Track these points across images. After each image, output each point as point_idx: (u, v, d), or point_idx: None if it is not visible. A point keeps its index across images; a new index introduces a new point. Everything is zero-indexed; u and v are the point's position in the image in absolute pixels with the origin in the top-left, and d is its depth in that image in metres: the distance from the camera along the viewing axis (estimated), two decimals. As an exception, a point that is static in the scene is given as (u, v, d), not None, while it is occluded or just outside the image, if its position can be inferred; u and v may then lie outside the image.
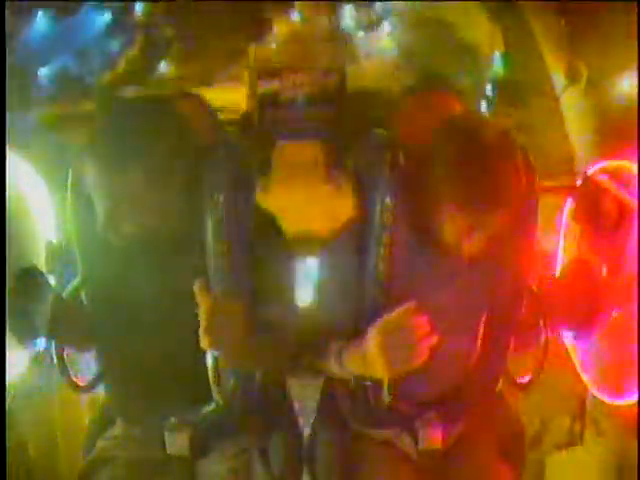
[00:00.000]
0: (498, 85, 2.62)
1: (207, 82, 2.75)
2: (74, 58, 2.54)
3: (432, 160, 1.43)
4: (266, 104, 2.67)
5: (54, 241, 1.77)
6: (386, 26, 2.81)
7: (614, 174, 1.82)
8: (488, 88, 2.62)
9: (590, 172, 1.89)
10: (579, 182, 1.91)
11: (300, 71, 2.63)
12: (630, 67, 2.09)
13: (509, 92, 2.57)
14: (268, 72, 2.65)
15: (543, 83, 2.37)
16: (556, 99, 2.29)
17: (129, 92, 2.61)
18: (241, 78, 2.74)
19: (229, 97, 2.71)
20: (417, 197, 1.48)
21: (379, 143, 1.54)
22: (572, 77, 2.23)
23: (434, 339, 1.38)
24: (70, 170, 1.57)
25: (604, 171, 1.86)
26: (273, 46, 2.80)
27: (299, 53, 2.77)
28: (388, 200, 1.50)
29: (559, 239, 1.95)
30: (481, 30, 2.62)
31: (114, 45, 2.65)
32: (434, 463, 1.67)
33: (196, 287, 1.40)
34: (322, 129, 2.63)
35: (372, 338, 1.41)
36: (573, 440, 2.36)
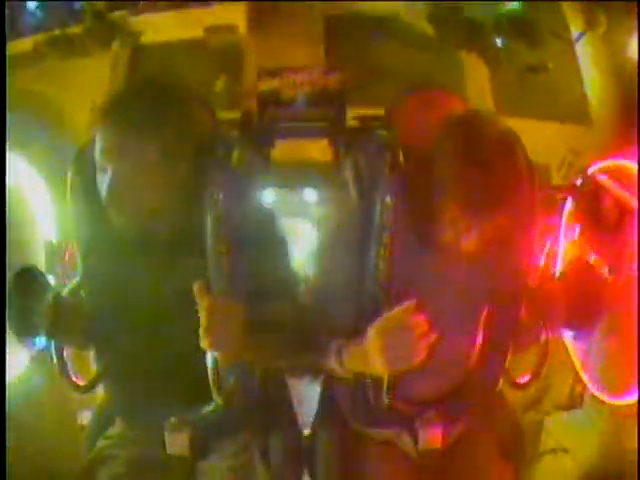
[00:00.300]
0: (513, 21, 2.60)
1: (203, 2, 2.71)
2: None
3: (433, 159, 1.43)
4: (266, 103, 2.67)
5: (54, 241, 1.77)
6: None
7: (614, 174, 1.82)
8: (501, 24, 2.60)
9: (590, 172, 1.89)
10: (579, 182, 1.91)
11: (300, 71, 2.62)
12: None
13: (524, 29, 2.55)
14: (268, 72, 2.65)
15: (559, 26, 2.36)
16: (571, 43, 2.27)
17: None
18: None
19: (225, 16, 2.69)
20: (417, 197, 1.48)
21: (379, 143, 1.54)
22: (591, 23, 2.21)
23: (432, 338, 1.38)
24: (70, 170, 1.57)
25: (604, 171, 1.85)
26: None
27: None
28: (388, 200, 1.50)
29: (559, 239, 1.95)
30: None
31: None
32: (434, 463, 1.67)
33: (195, 288, 1.40)
34: (322, 129, 2.63)
35: (372, 336, 1.42)
36: (573, 402, 2.33)
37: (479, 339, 1.62)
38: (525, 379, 1.70)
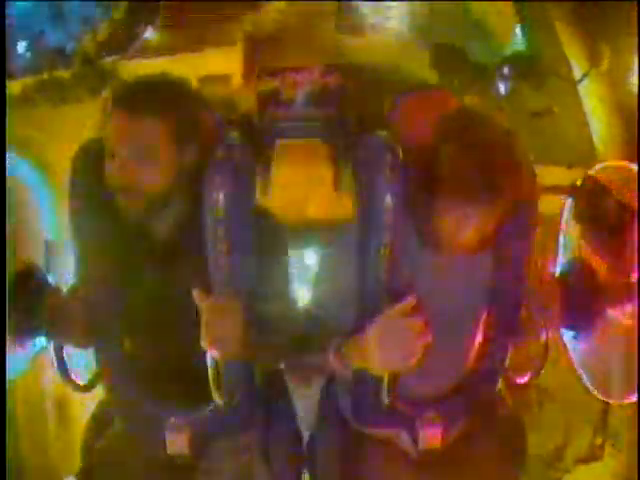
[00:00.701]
0: (517, 66, 2.59)
1: (195, 49, 2.69)
2: (52, 23, 2.51)
3: (432, 156, 1.43)
4: (266, 103, 2.67)
5: (54, 241, 1.77)
6: (395, 2, 2.75)
7: (614, 174, 1.82)
8: (505, 68, 2.59)
9: (590, 172, 1.89)
10: (579, 182, 1.91)
11: (300, 71, 2.62)
12: None
13: (528, 74, 2.54)
14: (268, 72, 2.64)
15: (563, 68, 2.35)
16: (575, 83, 2.27)
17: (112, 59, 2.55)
18: (232, 44, 2.69)
19: (218, 65, 2.68)
20: (417, 196, 1.48)
21: (379, 143, 1.54)
22: (594, 62, 2.21)
23: (429, 339, 1.38)
24: (71, 168, 1.57)
25: (604, 171, 1.85)
26: (271, 15, 2.74)
27: (297, 24, 2.71)
28: (388, 200, 1.50)
29: (559, 239, 1.95)
30: (495, 9, 2.59)
31: (95, 11, 2.61)
32: (434, 463, 1.67)
33: (195, 295, 1.40)
34: (322, 129, 2.63)
35: (370, 334, 1.42)
36: (594, 454, 2.32)
37: (479, 339, 1.62)
38: (525, 379, 1.71)
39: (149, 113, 1.45)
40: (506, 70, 2.56)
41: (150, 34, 2.74)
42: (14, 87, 2.45)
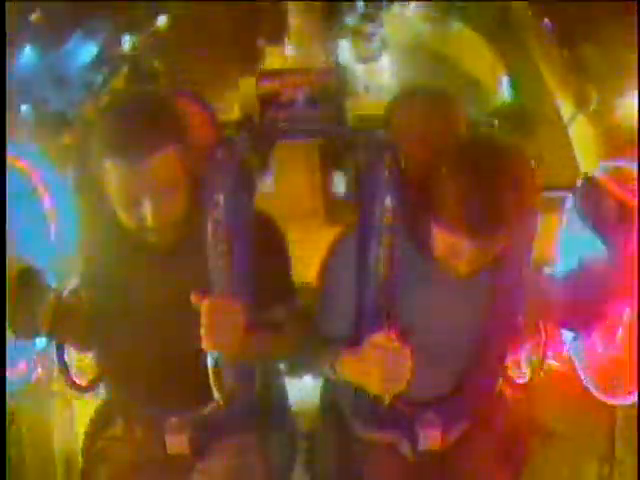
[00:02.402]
0: (506, 116, 2.60)
1: None
2: (55, 89, 2.52)
3: (433, 178, 1.42)
4: (266, 104, 2.67)
5: (54, 241, 1.77)
6: (385, 59, 2.81)
7: (614, 174, 1.82)
8: (495, 120, 2.60)
9: (590, 172, 1.89)
10: (579, 182, 1.91)
11: (300, 72, 2.62)
12: (631, 90, 2.08)
13: (518, 123, 2.56)
14: (268, 73, 2.65)
15: (549, 112, 2.37)
16: (564, 127, 2.28)
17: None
18: (232, 111, 2.73)
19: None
20: (416, 199, 1.47)
21: (379, 144, 1.54)
22: (581, 102, 2.22)
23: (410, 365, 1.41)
24: (71, 169, 1.57)
25: (604, 171, 1.85)
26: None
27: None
28: (388, 201, 1.50)
29: (559, 239, 1.95)
30: (483, 62, 2.62)
31: (97, 77, 2.62)
32: (434, 463, 1.67)
33: (192, 299, 1.40)
34: (322, 129, 2.63)
35: (358, 359, 1.46)
36: None
37: (479, 340, 1.62)
38: (524, 380, 1.71)
39: (160, 147, 1.38)
40: (495, 122, 2.58)
41: None
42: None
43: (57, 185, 1.76)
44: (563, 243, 1.94)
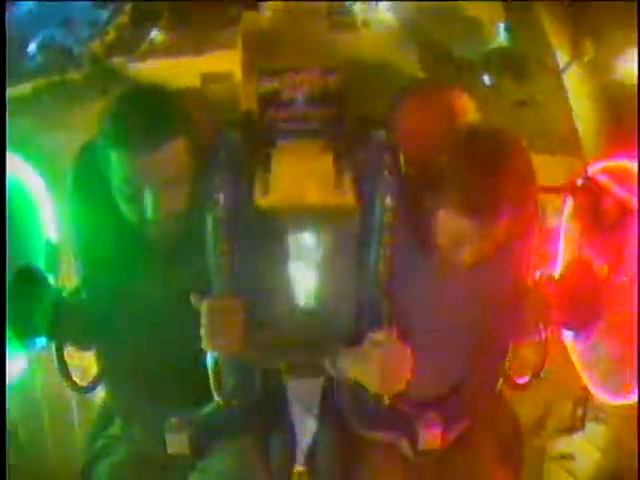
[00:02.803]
0: (501, 58, 2.61)
1: (198, 50, 2.72)
2: (61, 28, 2.54)
3: (436, 169, 1.43)
4: (266, 103, 2.67)
5: (54, 241, 1.77)
6: None
7: (614, 174, 1.82)
8: (490, 61, 2.62)
9: (590, 172, 1.89)
10: (579, 182, 1.91)
11: (300, 71, 2.62)
12: (632, 48, 2.08)
13: (512, 65, 2.57)
14: (268, 72, 2.65)
15: (546, 57, 2.37)
16: (559, 74, 2.29)
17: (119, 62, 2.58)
18: (234, 45, 2.73)
19: (221, 65, 2.70)
20: (417, 198, 1.48)
21: (379, 143, 1.54)
22: (576, 53, 2.23)
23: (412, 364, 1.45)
24: (73, 168, 1.57)
25: (604, 171, 1.85)
26: (267, 14, 2.78)
27: (292, 24, 2.76)
28: (388, 200, 1.50)
29: (559, 239, 1.95)
30: (482, 5, 2.63)
31: (102, 14, 2.64)
32: (434, 463, 1.67)
33: (192, 299, 1.40)
34: (322, 129, 2.63)
35: (359, 359, 1.49)
36: (575, 425, 2.38)
37: (479, 339, 1.62)
38: (524, 379, 1.70)
39: (168, 139, 1.39)
40: (491, 62, 2.59)
41: (155, 35, 2.76)
42: (25, 88, 2.46)
43: (57, 185, 1.76)
44: (563, 243, 1.94)
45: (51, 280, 1.69)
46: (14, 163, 1.76)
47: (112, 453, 1.67)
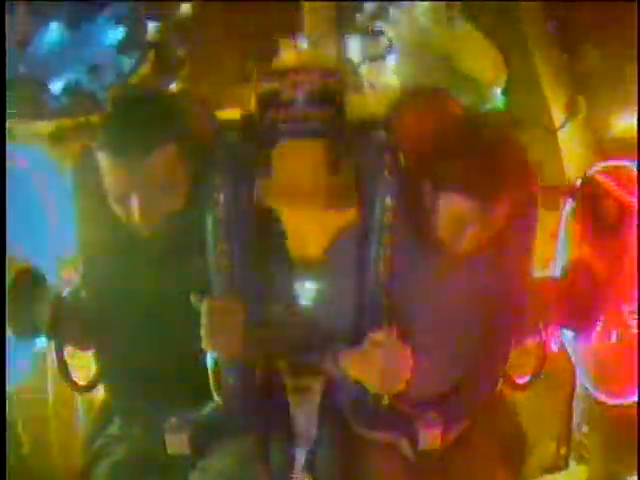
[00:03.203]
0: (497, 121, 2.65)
1: (218, 105, 2.76)
2: (86, 73, 2.57)
3: (434, 158, 1.44)
4: (266, 104, 2.67)
5: (55, 241, 1.77)
6: (391, 59, 2.86)
7: (614, 174, 1.82)
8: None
9: (590, 172, 1.89)
10: (579, 182, 1.91)
11: (300, 71, 2.62)
12: (629, 105, 2.11)
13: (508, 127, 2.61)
14: (268, 73, 2.65)
15: (542, 116, 2.41)
16: (554, 132, 2.32)
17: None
18: (247, 101, 2.75)
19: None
20: (417, 198, 1.48)
21: (379, 143, 1.55)
22: (571, 111, 2.26)
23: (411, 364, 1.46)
24: (73, 168, 1.57)
25: (604, 171, 1.86)
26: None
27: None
28: (388, 200, 1.50)
29: (559, 239, 1.95)
30: (484, 62, 2.65)
31: (126, 62, 2.68)
32: (434, 463, 1.67)
33: (192, 299, 1.40)
34: (322, 129, 2.63)
35: (359, 360, 1.50)
36: (558, 464, 2.40)
37: (479, 339, 1.62)
38: (524, 379, 1.71)
39: (158, 146, 1.39)
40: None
41: (175, 86, 2.80)
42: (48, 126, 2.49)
43: (57, 185, 1.76)
44: (563, 243, 1.94)
45: (51, 280, 1.69)
46: (15, 163, 1.77)
47: (112, 453, 1.66)
